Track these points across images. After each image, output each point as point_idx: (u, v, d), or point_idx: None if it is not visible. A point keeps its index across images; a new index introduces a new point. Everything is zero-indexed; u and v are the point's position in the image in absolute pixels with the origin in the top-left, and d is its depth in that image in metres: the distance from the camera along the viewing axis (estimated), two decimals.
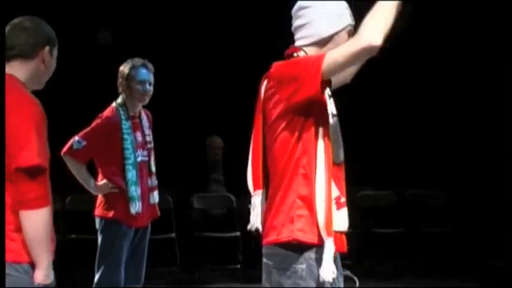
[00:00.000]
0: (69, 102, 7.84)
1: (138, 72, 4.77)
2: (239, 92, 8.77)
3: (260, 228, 2.76)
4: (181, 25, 8.41)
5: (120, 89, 4.81)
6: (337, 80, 2.89)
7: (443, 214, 8.29)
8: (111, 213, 4.69)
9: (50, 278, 2.74)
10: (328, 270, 2.61)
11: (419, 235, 8.13)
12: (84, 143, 4.64)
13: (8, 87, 2.71)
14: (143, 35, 8.14)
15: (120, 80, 4.80)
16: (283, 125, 2.66)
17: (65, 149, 4.67)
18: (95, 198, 4.83)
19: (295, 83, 2.60)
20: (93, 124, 4.70)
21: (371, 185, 8.52)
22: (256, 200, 2.73)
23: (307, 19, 2.78)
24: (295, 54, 2.76)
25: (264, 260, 2.74)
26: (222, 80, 8.48)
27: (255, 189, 2.73)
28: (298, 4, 2.83)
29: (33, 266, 2.71)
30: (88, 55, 8.01)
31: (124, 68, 4.80)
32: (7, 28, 2.85)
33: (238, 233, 7.84)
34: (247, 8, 8.24)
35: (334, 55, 2.56)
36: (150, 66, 4.83)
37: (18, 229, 2.66)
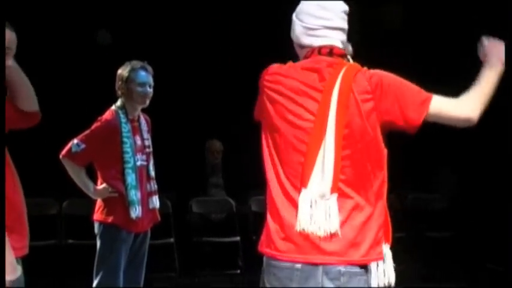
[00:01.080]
0: (68, 102, 7.81)
1: (138, 75, 4.73)
2: (239, 95, 8.76)
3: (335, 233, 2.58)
4: (180, 27, 8.38)
5: (119, 92, 4.77)
6: None
7: (445, 219, 8.26)
8: (110, 218, 4.64)
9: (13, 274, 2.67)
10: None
11: (420, 239, 8.09)
12: (83, 146, 4.60)
13: None
14: (142, 36, 8.12)
15: (119, 83, 4.76)
16: (373, 136, 2.63)
17: (64, 152, 4.63)
18: (93, 202, 4.78)
19: (399, 104, 2.61)
20: (93, 127, 4.67)
21: None
22: (334, 204, 2.57)
23: (347, 25, 2.77)
24: (348, 58, 2.73)
25: (341, 279, 2.58)
26: (222, 82, 8.45)
27: (332, 192, 2.57)
28: (344, 6, 2.76)
29: None
30: (87, 55, 7.96)
31: (123, 71, 4.76)
32: None
33: (238, 238, 7.81)
34: (246, 11, 8.21)
35: (439, 105, 2.63)
36: (149, 68, 4.80)
37: None
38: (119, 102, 4.76)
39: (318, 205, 2.54)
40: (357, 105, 2.58)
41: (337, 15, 2.72)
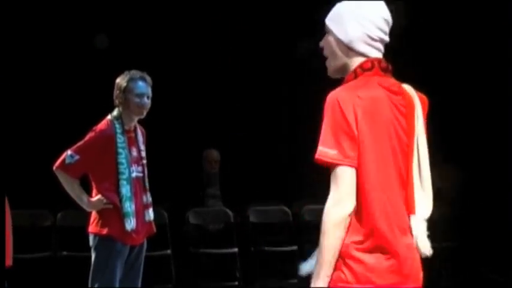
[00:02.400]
0: (65, 108, 7.75)
1: (136, 85, 4.67)
2: (236, 104, 8.74)
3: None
4: (178, 32, 8.34)
5: (116, 101, 4.71)
6: None
7: (447, 228, 8.20)
8: (105, 230, 4.59)
9: None
10: None
11: None
12: (77, 157, 4.54)
13: None
14: (140, 40, 8.08)
15: (117, 93, 4.69)
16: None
17: (57, 163, 4.58)
18: (87, 214, 4.72)
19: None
20: (87, 137, 4.60)
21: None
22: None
23: None
24: None
25: None
26: (220, 90, 8.42)
27: (412, 213, 2.60)
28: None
29: None
30: (85, 59, 7.90)
31: (121, 81, 4.69)
32: None
33: (235, 249, 7.73)
34: (246, 19, 8.18)
35: None
36: (148, 79, 4.76)
37: None
38: (115, 112, 4.69)
39: (422, 228, 2.60)
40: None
41: (388, 28, 2.64)
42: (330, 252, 2.44)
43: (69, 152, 4.54)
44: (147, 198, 4.73)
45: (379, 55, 2.61)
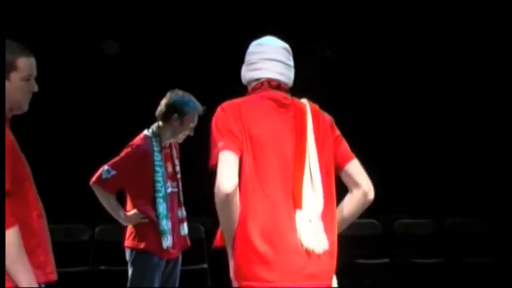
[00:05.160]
0: (75, 112, 7.74)
1: (195, 117, 4.67)
2: None
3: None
4: (189, 37, 8.28)
5: (161, 118, 4.67)
6: None
7: (484, 243, 8.10)
8: (142, 245, 4.61)
9: None
10: None
11: (459, 265, 7.94)
12: (113, 172, 4.56)
13: None
14: (150, 45, 8.02)
15: (164, 110, 4.66)
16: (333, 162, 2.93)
17: (94, 178, 4.61)
18: (124, 228, 4.75)
19: (343, 140, 2.99)
20: (123, 153, 4.62)
21: (409, 213, 8.36)
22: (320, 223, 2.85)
23: (290, 62, 3.01)
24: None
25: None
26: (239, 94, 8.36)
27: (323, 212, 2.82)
28: (285, 45, 3.01)
29: None
30: (94, 65, 7.91)
31: (176, 100, 4.66)
32: None
33: None
34: (260, 30, 8.14)
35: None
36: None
37: None
38: (154, 129, 4.68)
39: (314, 225, 2.76)
40: (327, 137, 2.91)
41: (274, 49, 2.96)
42: (226, 231, 2.76)
43: (105, 167, 4.57)
44: (182, 212, 4.74)
45: (266, 74, 2.93)
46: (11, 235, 2.71)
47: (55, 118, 7.58)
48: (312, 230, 2.74)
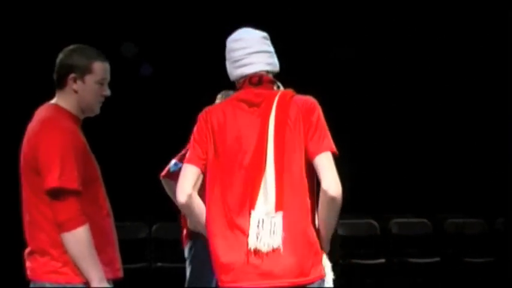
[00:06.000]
0: (131, 114, 7.83)
1: None
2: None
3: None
4: (208, 40, 8.28)
5: None
6: None
7: (485, 243, 8.06)
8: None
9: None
10: None
11: (457, 265, 7.93)
12: (180, 165, 4.57)
13: (44, 116, 2.94)
14: (168, 48, 8.06)
15: None
16: (301, 156, 2.83)
17: (163, 172, 4.65)
18: (181, 226, 4.78)
19: (323, 133, 2.82)
20: (188, 145, 4.62)
21: (409, 213, 8.39)
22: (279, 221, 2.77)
23: (271, 49, 2.99)
24: (278, 84, 2.95)
25: None
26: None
27: (278, 210, 2.76)
28: (263, 33, 3.00)
29: (86, 284, 2.87)
30: (112, 68, 7.96)
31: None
32: None
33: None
34: (279, 30, 8.18)
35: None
36: None
37: (62, 252, 2.87)
38: None
39: (265, 223, 2.75)
40: (290, 130, 2.82)
41: (255, 40, 2.95)
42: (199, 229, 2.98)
43: (173, 160, 4.62)
44: None
45: (254, 69, 2.91)
46: (82, 233, 2.82)
47: (112, 119, 7.72)
48: (264, 229, 2.73)
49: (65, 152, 2.83)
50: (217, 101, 4.75)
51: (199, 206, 2.88)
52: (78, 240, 2.81)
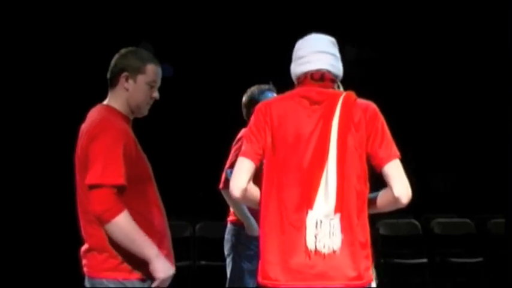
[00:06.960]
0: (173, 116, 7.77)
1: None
2: None
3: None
4: (224, 39, 8.31)
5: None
6: None
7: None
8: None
9: (167, 268, 2.98)
10: None
11: (501, 265, 7.87)
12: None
13: (96, 117, 3.01)
14: (185, 47, 8.08)
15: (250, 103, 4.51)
16: (361, 160, 2.85)
17: (221, 184, 4.51)
18: (225, 226, 4.77)
19: (390, 140, 2.86)
20: (234, 150, 4.49)
21: (453, 213, 8.35)
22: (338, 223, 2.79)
23: (338, 53, 3.00)
24: (338, 84, 2.97)
25: None
26: None
27: (336, 212, 2.78)
28: (332, 38, 3.01)
29: (143, 279, 2.96)
30: None
31: (253, 95, 4.55)
32: None
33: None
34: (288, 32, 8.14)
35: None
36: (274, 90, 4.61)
37: (119, 248, 2.93)
38: None
39: (323, 225, 2.75)
40: (352, 133, 2.82)
41: (322, 42, 2.97)
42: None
43: (227, 170, 4.45)
44: None
45: (316, 66, 2.92)
46: (123, 219, 2.85)
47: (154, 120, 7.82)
48: (323, 230, 2.74)
49: (111, 149, 2.89)
50: (246, 97, 4.61)
51: (254, 195, 2.90)
52: (121, 227, 2.85)
